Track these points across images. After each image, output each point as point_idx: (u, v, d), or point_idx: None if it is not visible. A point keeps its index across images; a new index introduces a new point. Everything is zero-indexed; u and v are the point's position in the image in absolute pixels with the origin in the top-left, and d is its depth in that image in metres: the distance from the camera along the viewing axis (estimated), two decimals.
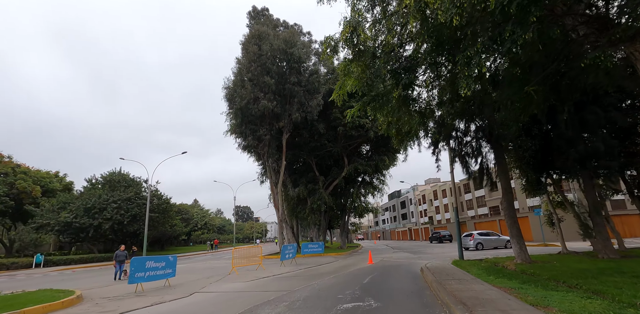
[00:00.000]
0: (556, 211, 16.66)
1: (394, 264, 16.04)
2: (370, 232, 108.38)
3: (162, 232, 46.00)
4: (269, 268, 16.87)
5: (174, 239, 61.16)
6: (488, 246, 24.70)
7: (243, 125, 24.96)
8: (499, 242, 25.09)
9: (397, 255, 22.91)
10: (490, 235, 25.54)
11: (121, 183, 35.36)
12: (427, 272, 10.87)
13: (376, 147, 33.11)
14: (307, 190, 30.51)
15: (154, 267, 11.35)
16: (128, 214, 32.52)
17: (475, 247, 24.37)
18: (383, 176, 34.69)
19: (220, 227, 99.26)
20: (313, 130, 28.67)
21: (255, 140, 25.23)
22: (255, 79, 23.70)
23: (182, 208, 62.56)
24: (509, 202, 12.72)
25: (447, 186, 61.57)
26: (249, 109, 24.11)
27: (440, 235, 41.49)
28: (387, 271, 13.05)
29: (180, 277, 14.26)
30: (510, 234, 12.55)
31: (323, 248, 25.34)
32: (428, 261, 17.28)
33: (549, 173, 14.72)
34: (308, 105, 25.39)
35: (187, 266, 21.68)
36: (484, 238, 24.98)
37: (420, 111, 10.82)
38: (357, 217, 38.19)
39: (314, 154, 30.86)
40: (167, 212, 38.58)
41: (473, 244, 24.50)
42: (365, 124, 27.61)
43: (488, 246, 24.65)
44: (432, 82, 10.75)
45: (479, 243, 24.49)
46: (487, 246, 24.66)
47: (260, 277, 13.15)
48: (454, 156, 14.85)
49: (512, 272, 10.21)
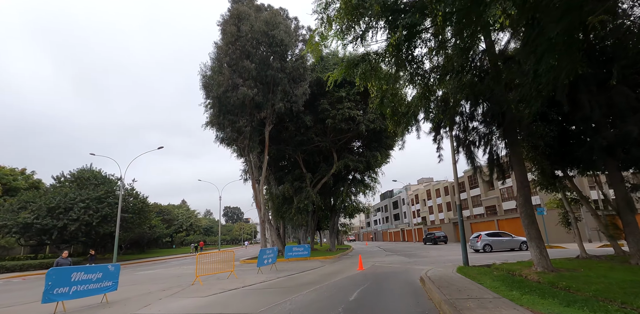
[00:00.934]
0: (572, 209, 14.58)
1: (388, 271, 13.80)
2: (362, 234, 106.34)
3: (140, 234, 43.14)
4: (243, 276, 14.49)
5: (155, 242, 58.19)
6: (498, 248, 22.41)
7: (221, 115, 22.55)
8: (512, 243, 22.77)
9: (390, 259, 20.71)
10: (501, 235, 23.15)
11: (91, 181, 32.52)
12: (429, 284, 8.64)
13: (368, 142, 30.93)
14: (293, 188, 28.16)
15: (84, 280, 8.91)
16: (98, 215, 29.78)
17: (482, 249, 22.16)
18: (375, 173, 32.51)
19: (208, 229, 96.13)
20: (299, 123, 26.36)
21: (235, 132, 22.82)
22: (234, 63, 21.32)
23: (163, 208, 59.58)
24: (526, 198, 10.57)
25: (440, 185, 59.77)
26: (227, 98, 21.71)
27: (434, 236, 39.48)
28: (379, 282, 10.80)
29: (127, 290, 11.84)
30: (527, 236, 10.39)
31: (309, 251, 23.02)
32: (426, 266, 15.09)
33: (569, 165, 12.64)
34: (293, 94, 23.08)
35: (153, 273, 19.16)
36: (493, 239, 22.72)
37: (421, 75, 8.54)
38: (348, 217, 35.96)
39: (300, 149, 28.53)
40: (144, 212, 35.83)
41: (480, 245, 22.29)
42: (356, 117, 25.40)
43: (498, 248, 22.36)
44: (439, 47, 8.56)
45: (486, 244, 22.26)
46: (496, 248, 22.37)
47: (227, 289, 10.78)
48: (458, 144, 12.69)
49: (538, 285, 8.03)
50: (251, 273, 15.63)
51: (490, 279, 9.14)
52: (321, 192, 30.24)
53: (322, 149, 29.44)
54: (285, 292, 9.62)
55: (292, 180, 28.75)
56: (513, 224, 31.91)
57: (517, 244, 22.35)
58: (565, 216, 14.96)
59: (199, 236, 78.75)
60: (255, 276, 14.48)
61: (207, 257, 14.73)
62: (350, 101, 25.75)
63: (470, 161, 12.95)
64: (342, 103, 25.42)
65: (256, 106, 22.88)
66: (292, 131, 26.76)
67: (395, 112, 10.24)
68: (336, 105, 25.56)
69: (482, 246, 22.18)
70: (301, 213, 28.68)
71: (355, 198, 33.27)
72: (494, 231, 24.09)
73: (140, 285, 13.32)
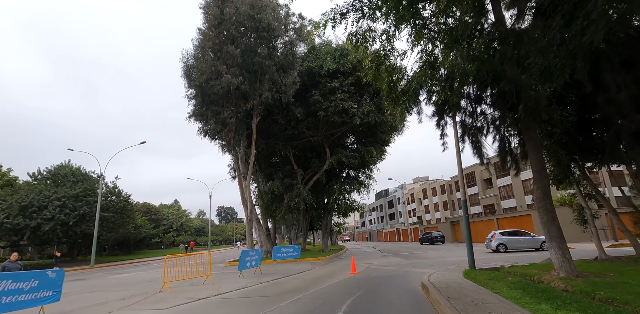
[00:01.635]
0: (589, 206, 13.13)
1: (384, 276, 12.26)
2: (357, 234, 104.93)
3: (125, 234, 41.23)
4: (221, 281, 12.87)
5: (143, 242, 56.20)
6: (514, 247, 20.58)
7: (204, 106, 20.90)
8: (532, 243, 20.77)
9: (386, 261, 19.18)
10: (519, 235, 21.25)
11: (69, 178, 30.60)
12: (435, 294, 7.10)
13: (362, 137, 29.42)
14: (283, 185, 26.54)
15: (12, 290, 7.24)
16: (75, 214, 27.92)
17: (495, 249, 20.44)
18: (370, 170, 30.97)
19: (200, 229, 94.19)
20: (290, 115, 24.75)
21: (219, 124, 21.19)
22: (217, 49, 19.68)
23: (151, 208, 57.59)
24: (545, 191, 9.06)
25: (437, 184, 58.49)
26: (211, 87, 20.06)
27: (431, 236, 38.06)
28: (374, 289, 9.24)
29: (79, 299, 10.20)
30: (547, 235, 8.88)
31: (299, 252, 21.41)
32: (426, 269, 13.59)
33: (588, 155, 11.18)
34: (282, 83, 21.48)
35: (126, 277, 17.44)
36: (508, 239, 20.85)
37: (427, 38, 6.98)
38: (341, 216, 34.39)
39: (291, 144, 26.92)
40: (127, 211, 33.97)
41: (494, 245, 20.60)
42: (349, 109, 23.83)
43: (514, 248, 20.53)
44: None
45: (500, 244, 20.49)
46: (512, 247, 20.54)
47: (195, 299, 9.16)
48: (464, 132, 11.18)
49: (570, 295, 6.52)
50: (231, 277, 14.01)
51: (507, 287, 7.62)
52: (313, 190, 28.67)
53: (314, 144, 27.87)
54: (261, 303, 8.02)
55: (282, 177, 27.12)
56: (514, 224, 30.56)
57: (538, 243, 20.37)
58: (580, 213, 13.51)
59: (190, 236, 76.79)
60: (235, 280, 12.87)
61: (181, 260, 13.08)
62: (343, 92, 24.19)
63: (476, 151, 11.43)
64: (334, 94, 23.85)
65: (242, 96, 21.25)
66: (282, 124, 25.15)
67: (392, 89, 8.68)
68: (329, 97, 23.99)
69: (495, 246, 20.48)
70: (292, 212, 27.10)
71: (349, 196, 31.73)
72: (510, 230, 22.15)
73: (100, 292, 11.63)
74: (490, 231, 33.74)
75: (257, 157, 31.05)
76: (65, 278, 18.83)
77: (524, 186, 36.19)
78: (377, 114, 25.30)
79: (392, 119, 26.05)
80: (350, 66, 24.38)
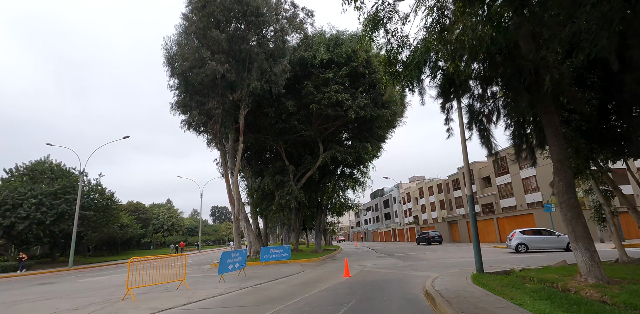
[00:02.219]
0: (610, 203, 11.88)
1: (380, 280, 10.92)
2: (352, 233, 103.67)
3: (110, 234, 39.56)
4: (198, 286, 11.48)
5: (131, 243, 54.45)
6: (536, 247, 19.02)
7: (187, 96, 19.45)
8: (556, 243, 19.04)
9: (382, 262, 17.86)
10: (542, 233, 19.59)
11: (47, 174, 28.91)
12: (445, 307, 5.78)
13: (357, 132, 28.09)
14: (273, 182, 25.12)
15: None
16: (52, 212, 26.30)
17: (515, 249, 19.00)
18: (366, 167, 29.66)
19: (192, 229, 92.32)
20: (281, 108, 23.35)
21: (203, 115, 19.74)
22: (201, 34, 18.23)
23: (139, 207, 55.83)
24: (569, 183, 7.77)
25: (434, 183, 57.40)
26: (195, 75, 18.62)
27: (428, 236, 36.81)
28: (370, 297, 7.91)
29: (26, 309, 8.73)
30: (571, 235, 7.60)
31: (289, 253, 20.07)
32: (426, 272, 12.30)
33: (611, 144, 9.91)
34: (272, 73, 20.08)
35: (99, 281, 15.95)
36: (529, 238, 19.28)
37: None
38: (335, 215, 33.05)
39: (282, 139, 25.52)
40: (110, 210, 32.34)
41: (513, 245, 19.16)
42: (344, 101, 22.49)
43: (536, 248, 19.08)
44: None
45: (520, 243, 19.06)
46: (534, 247, 18.98)
47: (158, 310, 7.77)
48: (471, 118, 9.87)
49: (613, 309, 5.23)
50: (211, 282, 12.60)
51: (529, 297, 6.31)
52: (306, 188, 27.30)
53: (307, 139, 26.50)
54: None
55: (273, 173, 25.71)
56: (514, 223, 29.42)
57: (563, 243, 18.70)
58: (598, 210, 12.26)
59: (182, 236, 75.03)
60: (214, 286, 11.47)
61: (152, 262, 11.63)
62: (337, 84, 22.86)
63: (484, 141, 10.14)
64: (328, 86, 22.50)
65: (228, 86, 19.84)
66: (272, 117, 23.73)
67: (392, 61, 7.34)
68: (322, 88, 22.62)
69: (514, 246, 19.01)
70: (283, 210, 25.73)
71: (344, 194, 30.39)
72: (532, 228, 20.50)
73: (56, 300, 10.17)
74: (490, 231, 32.78)
75: (247, 154, 29.64)
76: (33, 281, 17.27)
77: (524, 184, 35.10)
78: (373, 108, 24.01)
79: (389, 113, 24.80)
80: (344, 56, 23.04)
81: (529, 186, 34.67)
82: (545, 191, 31.34)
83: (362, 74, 24.09)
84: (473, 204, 10.54)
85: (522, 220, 28.20)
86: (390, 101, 25.16)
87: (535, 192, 33.51)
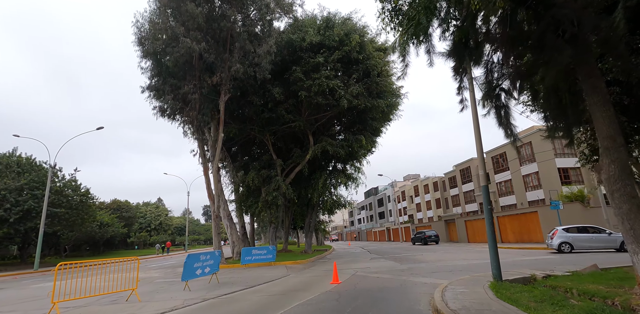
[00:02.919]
0: None
1: (375, 288, 9.02)
2: (345, 233, 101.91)
3: (89, 233, 37.22)
4: (153, 297, 9.49)
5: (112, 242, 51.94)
6: (583, 247, 16.86)
7: (161, 79, 17.39)
8: (607, 242, 16.70)
9: (376, 265, 15.98)
10: (589, 231, 17.28)
11: (13, 168, 26.58)
12: None
13: (351, 125, 26.17)
14: (260, 177, 23.10)
15: None
16: (17, 209, 24.03)
17: (557, 249, 16.84)
18: (359, 162, 27.75)
19: (182, 228, 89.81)
20: (267, 96, 21.35)
21: (179, 101, 17.69)
22: (174, 7, 16.17)
23: (122, 205, 53.38)
24: (623, 166, 5.93)
25: (429, 181, 55.77)
26: (167, 54, 16.57)
27: (425, 235, 35.09)
28: None
29: None
30: (628, 234, 5.73)
31: (274, 255, 18.13)
32: (429, 278, 10.44)
33: None
34: (255, 54, 18.07)
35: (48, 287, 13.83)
36: (574, 236, 16.99)
37: None
38: (327, 213, 31.12)
39: (269, 130, 23.53)
40: (86, 208, 30.08)
41: (555, 244, 16.99)
42: (336, 89, 20.53)
43: (583, 248, 16.87)
44: None
45: (564, 242, 16.86)
46: (580, 247, 16.84)
47: None
48: (490, 87, 8.00)
49: None
50: (172, 291, 10.60)
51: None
52: (295, 184, 25.34)
53: (296, 131, 24.53)
54: None
55: (259, 168, 23.69)
56: (516, 222, 27.79)
57: (616, 243, 16.40)
58: None
59: (169, 236, 72.60)
60: (174, 296, 9.49)
61: (100, 268, 9.63)
62: (329, 69, 20.93)
63: (503, 122, 8.29)
64: (318, 72, 20.52)
65: (207, 68, 17.84)
66: (258, 106, 21.70)
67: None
68: (312, 74, 20.65)
69: (556, 245, 16.89)
70: (269, 208, 23.74)
71: (336, 191, 28.42)
72: (577, 225, 18.17)
73: None
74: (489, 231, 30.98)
75: (234, 149, 27.56)
76: None
77: (524, 181, 33.48)
78: (368, 98, 22.16)
79: (384, 104, 22.94)
80: (336, 39, 21.08)
81: (530, 183, 33.07)
82: (548, 188, 29.74)
83: (356, 60, 22.16)
84: (488, 196, 8.66)
85: (525, 218, 26.54)
86: (385, 90, 23.37)
87: (536, 189, 31.90)
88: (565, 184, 29.01)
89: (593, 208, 23.69)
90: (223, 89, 18.26)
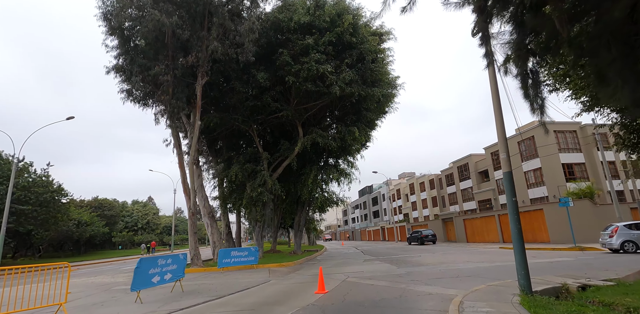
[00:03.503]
0: None
1: (368, 302, 7.17)
2: (339, 232, 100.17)
3: (64, 233, 34.96)
4: (89, 312, 7.56)
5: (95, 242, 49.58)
6: None
7: (128, 58, 15.38)
8: None
9: (371, 269, 14.14)
10: None
11: None
12: None
13: (343, 115, 24.33)
14: (244, 172, 21.12)
15: None
16: None
17: (620, 247, 14.94)
18: (353, 156, 25.90)
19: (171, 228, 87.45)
20: (251, 82, 19.43)
21: (149, 83, 15.69)
22: None
23: (104, 203, 51.01)
24: None
25: (425, 178, 54.17)
26: (135, 30, 14.57)
27: (421, 235, 33.39)
28: None
29: None
30: None
31: (257, 256, 16.25)
32: (434, 286, 8.63)
33: None
34: (237, 33, 16.15)
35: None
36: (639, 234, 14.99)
37: None
38: (318, 211, 29.28)
39: (254, 120, 21.61)
40: (57, 205, 27.90)
41: (616, 242, 15.00)
42: (327, 74, 18.62)
43: None
44: None
45: (627, 241, 14.84)
46: None
47: None
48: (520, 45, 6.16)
49: None
50: (122, 303, 8.65)
51: None
52: (284, 180, 23.45)
53: (285, 122, 22.66)
54: None
55: (243, 161, 21.73)
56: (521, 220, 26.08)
57: None
58: None
59: (157, 235, 70.25)
60: (118, 310, 7.56)
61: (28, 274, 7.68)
62: (319, 53, 19.02)
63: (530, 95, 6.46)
64: (308, 55, 18.58)
65: (181, 47, 15.88)
66: (241, 93, 19.74)
67: None
68: (300, 58, 18.74)
69: (618, 244, 14.87)
70: (255, 205, 21.77)
71: (327, 187, 26.53)
72: (635, 222, 15.84)
73: None
74: (491, 230, 29.45)
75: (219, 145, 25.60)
76: None
77: (526, 178, 31.89)
78: (362, 86, 20.32)
79: (380, 93, 21.09)
80: (327, 20, 19.15)
81: (532, 180, 31.50)
82: (552, 185, 28.18)
83: (349, 43, 20.26)
84: (512, 185, 6.88)
85: (529, 216, 24.89)
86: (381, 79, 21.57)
87: (539, 186, 30.33)
88: (571, 180, 27.46)
89: (603, 205, 22.13)
90: (200, 71, 16.29)
